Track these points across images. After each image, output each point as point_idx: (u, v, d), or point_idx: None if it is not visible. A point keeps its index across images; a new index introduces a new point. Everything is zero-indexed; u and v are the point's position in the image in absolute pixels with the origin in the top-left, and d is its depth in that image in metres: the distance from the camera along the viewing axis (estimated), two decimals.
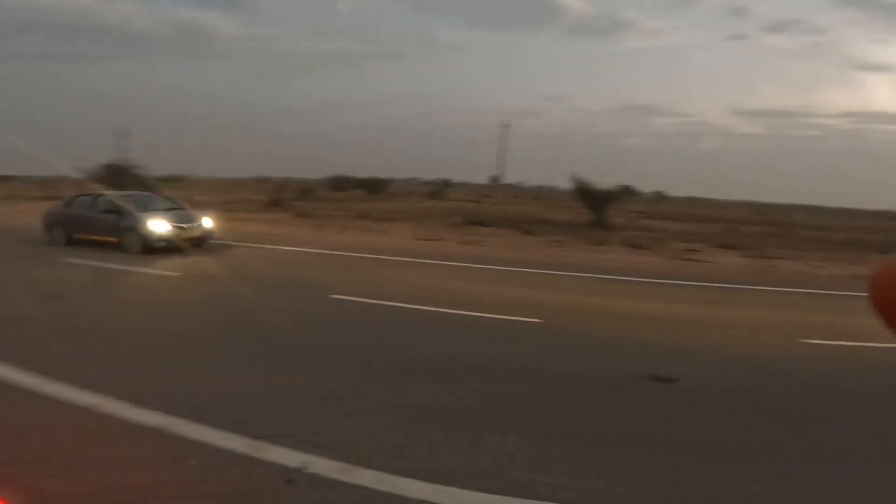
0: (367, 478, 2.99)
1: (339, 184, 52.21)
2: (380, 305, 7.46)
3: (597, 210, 23.03)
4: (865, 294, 0.36)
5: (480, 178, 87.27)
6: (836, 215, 63.70)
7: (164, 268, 9.94)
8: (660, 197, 76.10)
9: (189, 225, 12.02)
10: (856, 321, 7.29)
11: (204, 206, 15.37)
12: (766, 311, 8.32)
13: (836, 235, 25.24)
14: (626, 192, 26.71)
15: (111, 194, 12.87)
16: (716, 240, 18.86)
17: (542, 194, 67.23)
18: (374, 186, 51.73)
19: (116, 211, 11.97)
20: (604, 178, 23.86)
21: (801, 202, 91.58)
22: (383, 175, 63.67)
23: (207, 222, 12.51)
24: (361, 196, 43.59)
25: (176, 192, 17.97)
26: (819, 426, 4.08)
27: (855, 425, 4.10)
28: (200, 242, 12.09)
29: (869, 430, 4.02)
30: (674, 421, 4.00)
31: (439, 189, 61.67)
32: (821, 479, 3.27)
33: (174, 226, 11.68)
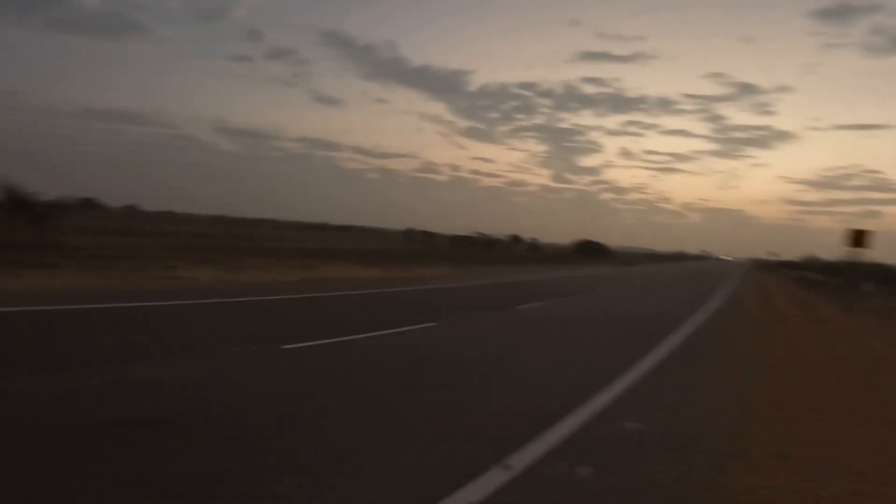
0: None
1: None
2: None
3: (38, 226, 18.14)
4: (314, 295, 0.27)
5: None
6: (288, 228, 75.49)
7: None
8: (131, 211, 68.61)
9: None
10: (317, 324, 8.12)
11: None
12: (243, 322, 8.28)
13: (289, 245, 29.42)
14: (88, 206, 22.11)
15: None
16: (196, 255, 18.18)
17: None
18: None
19: None
20: (57, 188, 18.97)
21: (263, 216, 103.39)
22: None
23: None
24: None
25: None
26: None
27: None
28: None
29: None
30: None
31: None
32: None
33: None
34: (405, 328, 8.31)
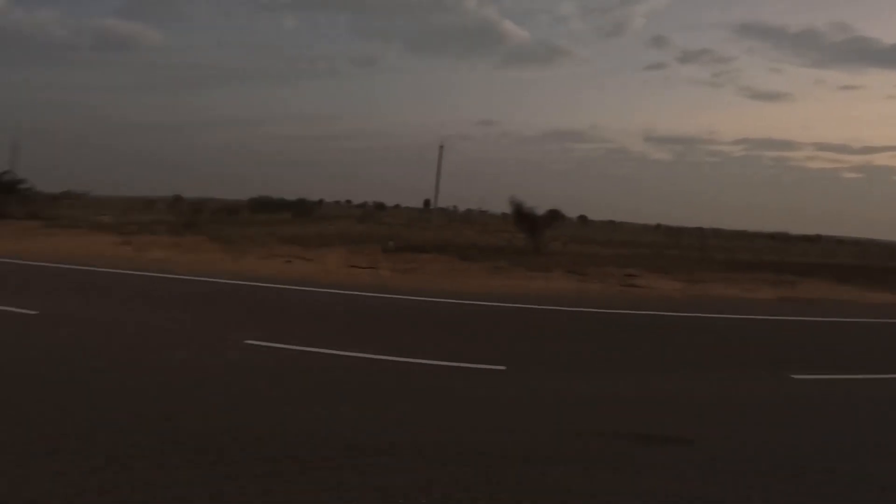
0: None
1: (263, 205, 45.68)
2: (311, 354, 5.90)
3: (533, 235, 22.41)
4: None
5: (413, 201, 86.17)
6: (736, 237, 67.65)
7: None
8: (584, 221, 78.25)
9: None
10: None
11: (105, 227, 12.93)
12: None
13: (742, 257, 26.16)
14: (556, 217, 26.34)
15: None
16: (648, 264, 18.63)
17: (474, 218, 66.46)
18: (302, 209, 46.23)
19: None
20: (533, 203, 23.23)
21: (703, 225, 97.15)
22: (312, 197, 58.79)
23: None
24: (288, 219, 38.80)
25: (71, 211, 15.26)
26: None
27: None
28: None
29: None
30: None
31: (371, 213, 59.81)
32: None
33: None
34: None
